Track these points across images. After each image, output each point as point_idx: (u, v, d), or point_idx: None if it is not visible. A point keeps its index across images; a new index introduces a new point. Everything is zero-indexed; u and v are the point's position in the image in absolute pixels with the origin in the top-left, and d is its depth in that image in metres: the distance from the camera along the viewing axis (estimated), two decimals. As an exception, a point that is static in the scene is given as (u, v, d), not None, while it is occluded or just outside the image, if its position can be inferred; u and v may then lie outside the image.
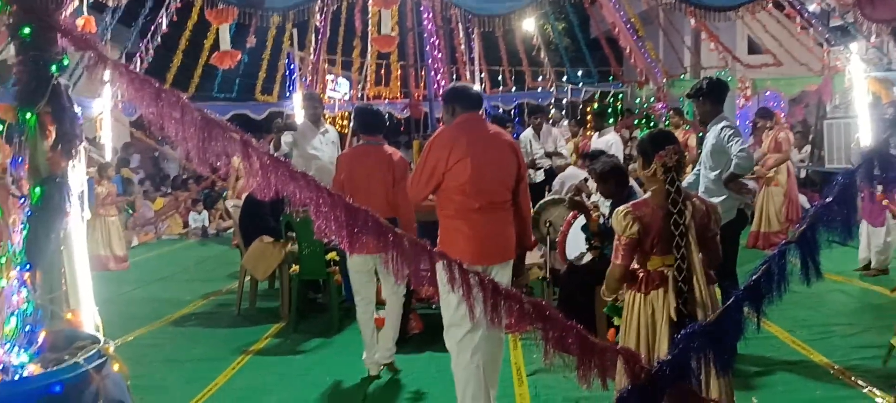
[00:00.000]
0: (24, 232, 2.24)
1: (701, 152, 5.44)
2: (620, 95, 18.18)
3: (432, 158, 3.62)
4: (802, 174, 11.98)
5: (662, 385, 2.03)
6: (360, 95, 15.72)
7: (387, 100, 15.86)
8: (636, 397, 2.05)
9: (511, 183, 3.68)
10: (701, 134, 7.78)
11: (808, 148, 12.38)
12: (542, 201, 6.83)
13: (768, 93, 13.77)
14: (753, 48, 15.71)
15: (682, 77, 15.45)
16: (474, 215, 3.55)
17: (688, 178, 5.45)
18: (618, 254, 3.10)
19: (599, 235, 5.02)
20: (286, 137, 6.90)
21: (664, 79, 14.71)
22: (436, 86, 8.85)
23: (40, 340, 2.23)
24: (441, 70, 9.13)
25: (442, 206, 3.67)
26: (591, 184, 6.09)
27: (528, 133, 9.22)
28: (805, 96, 13.46)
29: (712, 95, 5.01)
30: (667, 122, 13.95)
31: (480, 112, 3.87)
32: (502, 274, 3.69)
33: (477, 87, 14.46)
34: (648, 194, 3.15)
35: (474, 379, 3.55)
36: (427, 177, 3.63)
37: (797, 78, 13.01)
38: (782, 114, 11.59)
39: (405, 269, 2.24)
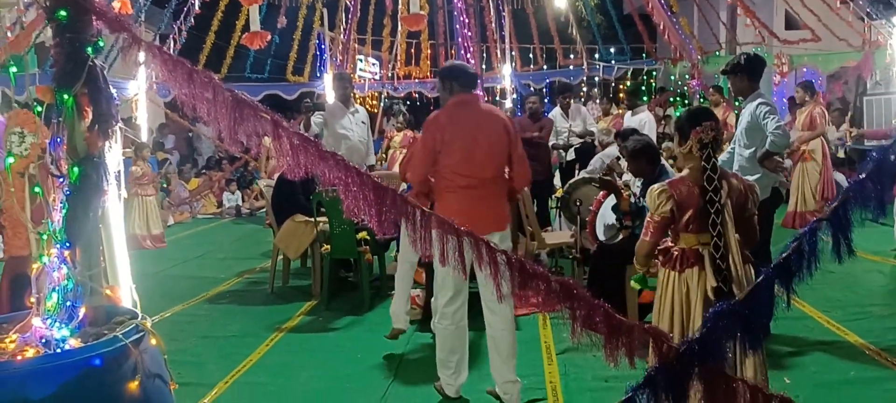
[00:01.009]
0: (64, 211, 2.30)
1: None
2: (654, 73, 17.92)
3: (427, 142, 3.91)
4: (841, 152, 11.75)
5: (691, 363, 2.03)
6: (390, 75, 15.74)
7: (417, 80, 15.87)
8: (664, 375, 2.05)
9: (502, 159, 3.92)
10: (737, 111, 7.67)
11: (846, 125, 12.12)
12: (572, 180, 6.81)
13: (805, 69, 13.48)
14: (791, 23, 15.37)
15: (716, 53, 15.18)
16: (462, 190, 3.83)
17: (722, 157, 5.38)
18: (647, 231, 3.12)
19: (630, 215, 4.99)
20: (316, 118, 6.96)
21: (698, 56, 14.48)
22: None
23: (81, 315, 2.29)
24: (471, 48, 9.08)
25: (435, 181, 3.95)
26: (623, 163, 6.06)
27: (556, 111, 9.14)
28: (844, 72, 13.16)
29: (749, 71, 4.93)
30: (702, 100, 13.75)
31: (475, 91, 4.10)
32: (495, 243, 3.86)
33: (507, 68, 14.39)
34: (686, 172, 3.13)
35: (451, 337, 3.98)
36: (423, 160, 3.94)
37: (836, 53, 12.71)
38: (821, 92, 11.36)
39: (433, 248, 2.27)
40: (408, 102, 17.07)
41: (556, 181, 9.28)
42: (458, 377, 4.06)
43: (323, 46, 14.03)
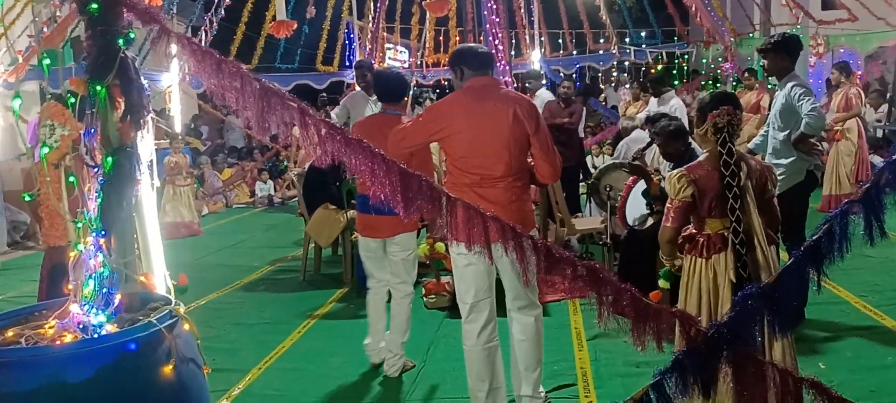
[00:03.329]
0: (99, 200, 2.36)
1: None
2: (686, 56, 17.67)
3: (426, 123, 3.44)
4: (879, 134, 11.48)
5: (719, 347, 2.01)
6: (419, 62, 15.74)
7: (445, 67, 15.84)
8: (692, 359, 2.03)
9: (515, 154, 3.36)
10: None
11: (885, 106, 11.83)
12: (602, 166, 6.77)
13: (842, 50, 13.17)
14: (827, 3, 15.03)
15: (750, 35, 14.91)
16: (468, 189, 3.32)
17: (755, 139, 5.30)
18: (668, 217, 3.08)
19: (660, 200, 4.94)
20: (336, 111, 7.03)
21: (731, 38, 14.23)
22: (494, 51, 8.77)
23: (116, 301, 2.36)
24: (499, 35, 9.03)
25: (446, 177, 3.54)
26: (649, 154, 5.99)
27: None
28: (882, 52, 12.84)
29: (785, 50, 4.83)
30: (735, 83, 13.53)
31: (490, 72, 3.50)
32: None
33: (536, 54, 14.26)
34: (704, 156, 3.11)
35: (478, 361, 3.45)
36: (411, 136, 3.46)
37: (874, 33, 12.39)
38: (858, 72, 11.10)
39: (461, 235, 2.27)
40: (437, 90, 17.06)
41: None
42: None
43: (352, 35, 14.08)
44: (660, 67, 16.63)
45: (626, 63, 16.70)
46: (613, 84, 18.87)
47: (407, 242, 4.25)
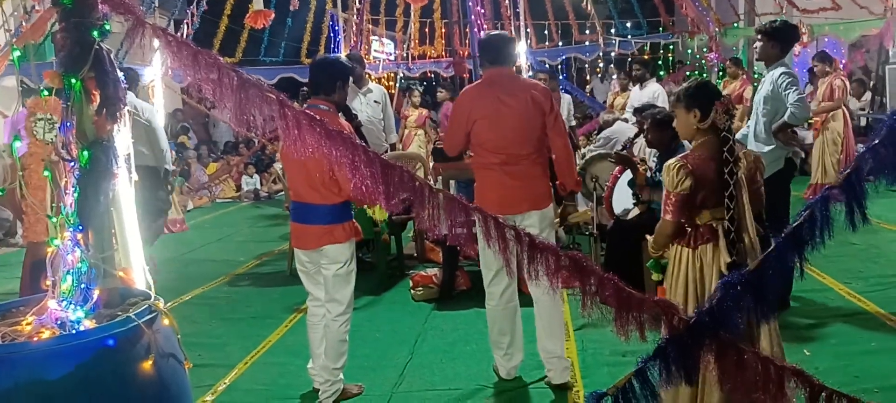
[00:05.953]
0: (75, 195, 2.33)
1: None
2: (671, 46, 17.69)
3: (455, 121, 3.95)
4: (863, 122, 11.57)
5: (701, 334, 2.01)
6: (404, 55, 15.68)
7: (431, 60, 15.80)
8: (674, 347, 2.03)
9: (533, 136, 3.83)
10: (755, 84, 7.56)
11: (868, 95, 11.91)
12: (588, 155, 6.77)
13: (827, 39, 13.22)
14: (811, -8, 15.08)
15: (735, 25, 14.94)
16: (497, 167, 3.81)
17: (742, 131, 5.30)
18: (668, 210, 2.98)
19: (646, 189, 4.94)
20: None
21: (716, 29, 14.25)
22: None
23: (95, 297, 2.33)
24: (484, 27, 9.00)
25: (473, 159, 4.00)
26: (637, 146, 5.99)
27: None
28: (865, 41, 12.91)
29: (780, 38, 4.83)
30: (721, 74, 13.56)
31: (509, 65, 3.99)
32: (528, 222, 3.79)
33: (522, 46, 14.25)
34: (697, 147, 3.05)
35: (500, 318, 3.96)
36: (455, 135, 3.99)
37: (857, 22, 12.44)
38: (840, 61, 11.16)
39: (441, 226, 2.25)
40: (424, 82, 17.01)
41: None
42: (511, 359, 4.02)
43: (336, 28, 14.00)
44: (645, 58, 16.64)
45: (612, 54, 16.67)
46: (599, 75, 18.89)
47: (337, 255, 3.81)
